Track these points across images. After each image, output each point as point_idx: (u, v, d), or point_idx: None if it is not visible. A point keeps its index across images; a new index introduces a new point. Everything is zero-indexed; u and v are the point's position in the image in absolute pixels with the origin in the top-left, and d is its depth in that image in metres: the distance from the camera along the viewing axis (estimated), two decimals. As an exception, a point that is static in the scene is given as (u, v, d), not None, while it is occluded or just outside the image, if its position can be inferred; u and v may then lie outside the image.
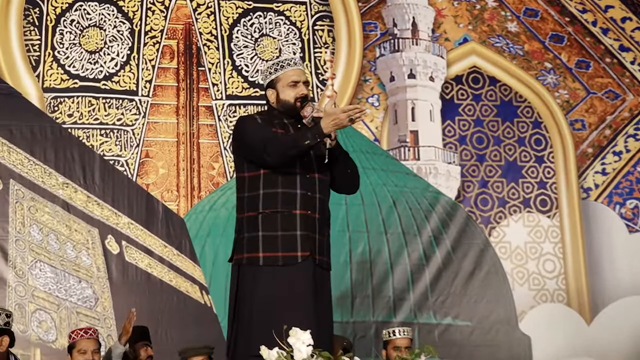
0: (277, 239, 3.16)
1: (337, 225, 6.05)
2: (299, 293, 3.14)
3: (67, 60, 6.18)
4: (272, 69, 3.30)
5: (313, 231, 3.20)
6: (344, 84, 6.50)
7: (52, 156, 5.86)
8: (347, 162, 3.28)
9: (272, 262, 3.16)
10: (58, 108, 6.10)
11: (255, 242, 3.18)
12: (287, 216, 3.15)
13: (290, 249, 3.15)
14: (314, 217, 3.20)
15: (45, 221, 5.78)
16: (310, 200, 3.19)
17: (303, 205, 3.17)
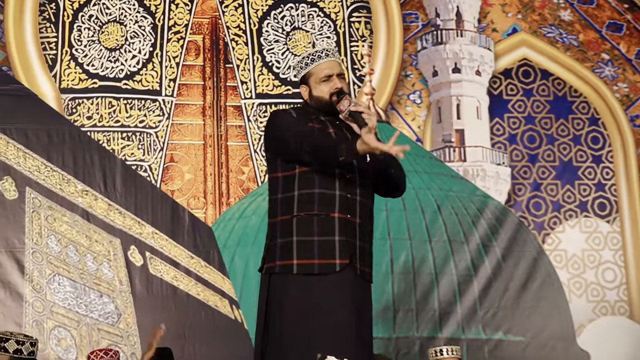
0: (313, 244, 3.07)
1: (378, 233, 5.66)
2: (336, 306, 3.04)
3: (85, 59, 6.20)
4: (303, 63, 3.25)
5: (353, 237, 3.10)
6: (383, 80, 6.47)
7: (70, 162, 5.86)
8: (391, 162, 3.19)
9: (307, 271, 3.07)
10: (76, 110, 6.11)
11: (289, 248, 3.10)
12: (325, 219, 3.07)
13: (327, 256, 3.05)
14: (354, 222, 3.10)
15: (63, 231, 5.79)
16: (351, 203, 3.10)
17: (342, 208, 3.08)
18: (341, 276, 3.05)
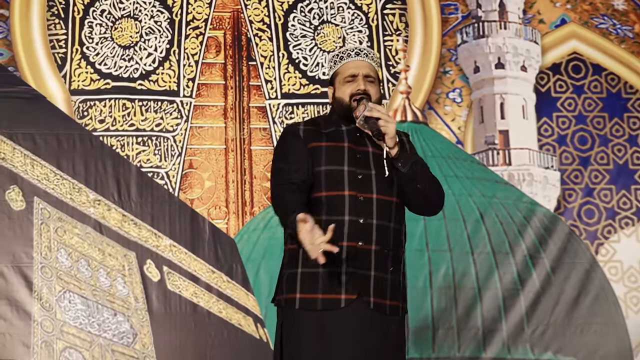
0: (318, 277, 3.07)
1: (415, 244, 5.97)
2: (339, 346, 3.02)
3: (97, 58, 6.17)
4: (332, 62, 3.30)
5: (366, 267, 3.06)
6: (420, 77, 6.41)
7: (81, 169, 5.86)
8: (417, 174, 3.15)
9: (309, 306, 3.07)
10: (88, 113, 6.09)
11: (294, 280, 3.12)
12: None
13: (332, 290, 3.05)
14: (368, 250, 3.06)
15: (74, 244, 5.79)
16: (363, 229, 3.06)
17: (352, 235, 3.05)
18: (348, 312, 3.04)
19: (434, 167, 6.08)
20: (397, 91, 6.29)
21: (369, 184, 3.11)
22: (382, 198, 3.12)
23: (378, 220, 3.09)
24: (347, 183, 3.10)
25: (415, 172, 3.12)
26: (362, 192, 3.10)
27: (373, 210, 3.09)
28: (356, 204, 3.08)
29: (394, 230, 3.14)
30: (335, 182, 3.12)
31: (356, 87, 3.20)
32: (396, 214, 3.16)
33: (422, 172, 3.14)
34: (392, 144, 3.08)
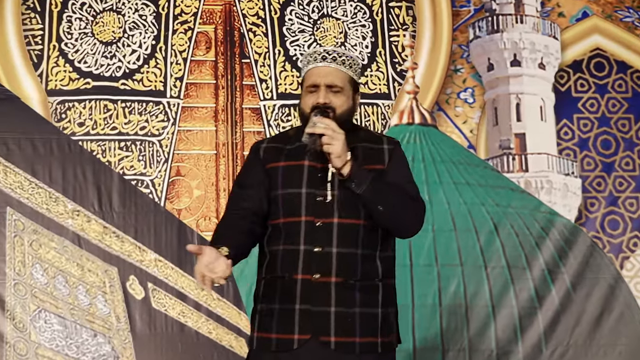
0: (273, 314, 3.10)
1: (422, 258, 5.96)
2: None
3: (76, 55, 6.15)
4: (300, 67, 3.29)
5: (325, 303, 3.03)
6: (429, 76, 6.39)
7: (58, 177, 5.86)
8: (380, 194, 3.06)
9: (264, 346, 3.10)
10: (66, 115, 6.07)
11: (254, 318, 3.17)
12: (287, 283, 3.07)
13: (285, 330, 3.05)
14: (326, 283, 3.03)
15: (51, 259, 5.80)
16: (320, 259, 3.03)
17: (306, 266, 3.03)
18: (304, 354, 3.02)
19: (443, 173, 6.23)
20: (403, 91, 6.28)
21: (328, 207, 3.05)
22: (346, 222, 3.05)
23: (340, 247, 3.03)
24: (304, 207, 3.06)
25: (374, 192, 3.03)
26: (320, 216, 3.05)
27: (333, 237, 3.03)
28: (312, 231, 3.03)
29: (364, 257, 3.06)
30: (292, 206, 3.08)
31: (316, 99, 3.12)
32: (366, 239, 3.08)
33: (383, 191, 3.05)
34: (340, 163, 3.00)
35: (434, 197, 6.02)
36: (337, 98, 3.12)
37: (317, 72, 3.15)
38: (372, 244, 3.09)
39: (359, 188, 3.00)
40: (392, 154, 3.17)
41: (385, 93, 6.23)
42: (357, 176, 3.01)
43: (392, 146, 3.19)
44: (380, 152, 3.16)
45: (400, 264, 5.59)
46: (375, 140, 3.20)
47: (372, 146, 3.16)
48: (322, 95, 3.11)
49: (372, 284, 3.08)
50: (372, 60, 6.24)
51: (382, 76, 6.25)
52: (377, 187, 3.03)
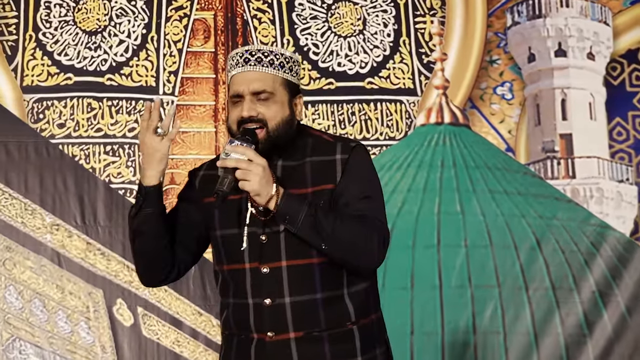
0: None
1: (454, 278, 5.93)
2: None
3: (56, 46, 6.16)
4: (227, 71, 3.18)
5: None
6: (460, 68, 6.35)
7: (35, 186, 5.91)
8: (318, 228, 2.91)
9: None
10: (44, 115, 6.08)
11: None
12: (243, 342, 3.01)
13: None
14: (285, 341, 2.94)
15: (26, 281, 5.84)
16: (271, 314, 2.94)
17: (258, 323, 2.96)
18: None
19: (477, 181, 6.22)
20: (431, 86, 6.27)
21: (275, 248, 2.92)
22: (297, 263, 2.92)
23: (293, 296, 2.91)
24: (246, 251, 2.93)
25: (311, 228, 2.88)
26: (266, 261, 2.92)
27: (283, 285, 2.91)
28: (259, 280, 2.91)
29: (326, 301, 2.93)
30: (234, 250, 2.96)
31: (239, 113, 2.97)
32: (325, 279, 2.93)
33: (323, 224, 2.89)
34: (262, 201, 2.85)
35: (466, 208, 6.00)
36: (267, 107, 2.97)
37: (240, 79, 3.01)
38: (335, 283, 2.96)
39: (293, 226, 2.86)
40: (346, 165, 2.98)
41: (410, 88, 6.19)
42: (286, 212, 2.87)
43: (345, 155, 2.99)
44: (331, 165, 2.99)
45: (429, 286, 5.88)
46: (327, 149, 3.02)
47: (322, 159, 3.00)
48: (246, 107, 2.96)
49: (344, 331, 2.96)
50: (394, 50, 6.21)
51: (406, 69, 6.21)
52: (313, 221, 2.87)
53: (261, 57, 3.02)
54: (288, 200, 2.86)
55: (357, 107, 6.09)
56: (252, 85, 2.96)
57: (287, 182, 2.93)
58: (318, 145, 3.03)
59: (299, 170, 2.99)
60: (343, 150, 3.00)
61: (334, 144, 3.02)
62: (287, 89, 3.00)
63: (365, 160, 3.03)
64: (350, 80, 6.12)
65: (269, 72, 2.98)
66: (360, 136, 6.02)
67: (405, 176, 6.02)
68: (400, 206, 5.93)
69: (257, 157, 2.82)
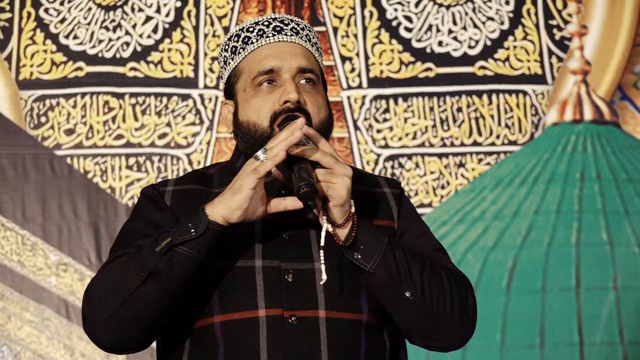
0: None
1: (600, 333, 5.78)
2: None
3: (62, 26, 6.17)
4: (227, 52, 2.95)
5: None
6: (606, 47, 6.26)
7: (36, 213, 5.94)
8: (408, 272, 2.74)
9: None
10: (47, 118, 6.11)
11: None
12: None
13: None
14: None
15: (24, 339, 5.89)
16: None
17: None
18: None
19: (631, 199, 6.24)
20: (566, 70, 6.20)
21: (308, 291, 2.72)
22: (339, 317, 2.73)
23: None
24: (262, 291, 2.70)
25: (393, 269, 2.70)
26: (293, 307, 2.71)
27: (320, 345, 2.69)
28: (282, 333, 2.69)
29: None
30: (239, 292, 2.73)
31: (283, 96, 2.74)
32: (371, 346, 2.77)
33: (409, 266, 2.73)
34: (342, 216, 2.64)
35: (615, 236, 5.86)
36: (313, 97, 2.76)
37: (275, 51, 2.80)
38: (379, 355, 2.79)
39: (367, 262, 2.64)
40: (402, 202, 2.87)
41: (537, 74, 6.14)
42: (363, 241, 2.67)
43: (397, 190, 2.89)
44: (382, 199, 2.86)
45: (566, 343, 5.86)
46: (368, 180, 2.89)
47: (367, 190, 2.85)
48: (292, 88, 2.73)
49: None
50: (515, 23, 6.15)
51: (531, 48, 6.17)
52: (398, 261, 2.68)
53: (297, 29, 2.86)
54: (366, 226, 2.68)
55: (465, 101, 6.05)
56: (297, 60, 2.79)
57: None
58: (356, 173, 2.80)
59: None
60: (390, 184, 2.92)
61: (373, 177, 2.93)
62: (323, 81, 2.86)
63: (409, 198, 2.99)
64: (456, 64, 6.10)
65: (309, 49, 2.84)
66: (470, 140, 6.00)
67: (531, 194, 5.95)
68: (525, 234, 5.87)
69: (338, 154, 2.67)
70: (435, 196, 5.98)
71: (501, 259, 5.81)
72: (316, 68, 2.84)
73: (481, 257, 5.83)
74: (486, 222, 5.90)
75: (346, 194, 2.62)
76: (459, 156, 5.99)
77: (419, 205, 5.97)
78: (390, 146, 6.05)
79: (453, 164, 6.00)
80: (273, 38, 2.83)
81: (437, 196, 5.97)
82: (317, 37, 2.89)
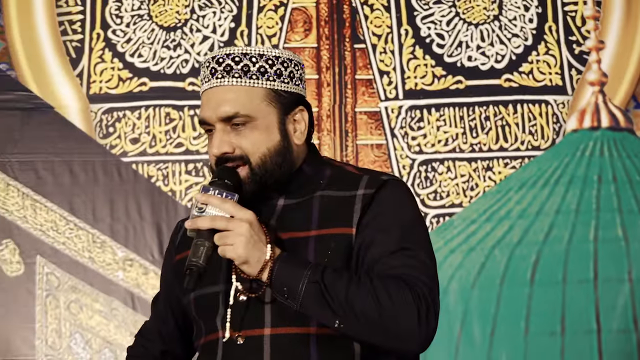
0: None
1: (616, 321, 5.81)
2: None
3: (128, 46, 6.22)
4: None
5: None
6: (621, 59, 6.22)
7: (105, 213, 5.98)
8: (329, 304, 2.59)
9: None
10: (114, 129, 6.13)
11: None
12: None
13: None
14: None
15: (95, 327, 5.89)
16: None
17: None
18: None
19: None
20: (584, 82, 6.16)
21: (257, 310, 2.68)
22: (285, 332, 2.68)
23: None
24: (219, 316, 2.70)
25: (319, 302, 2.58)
26: (244, 327, 2.68)
27: (263, 358, 2.65)
28: (230, 354, 2.69)
29: None
30: (207, 316, 2.75)
31: (211, 149, 2.73)
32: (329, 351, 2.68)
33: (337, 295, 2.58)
34: (253, 269, 2.57)
35: (631, 233, 5.88)
36: (245, 137, 2.70)
37: (206, 100, 2.75)
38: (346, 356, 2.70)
39: (294, 301, 2.57)
40: (370, 203, 2.70)
41: (559, 85, 6.14)
42: (283, 282, 2.58)
43: (370, 190, 2.72)
44: (347, 203, 2.71)
45: (584, 330, 5.86)
46: (348, 182, 2.75)
47: (337, 194, 2.73)
48: (215, 142, 2.70)
49: None
50: (538, 39, 6.15)
51: (553, 62, 6.15)
52: (319, 290, 2.57)
53: (230, 65, 2.74)
54: (286, 265, 2.58)
55: (492, 111, 6.06)
56: (220, 109, 2.71)
57: (287, 226, 2.72)
58: (338, 177, 2.79)
59: (303, 207, 2.75)
60: (369, 184, 2.74)
61: (359, 177, 2.76)
62: (275, 104, 2.73)
63: (400, 198, 2.76)
64: (484, 77, 6.10)
65: (242, 84, 2.73)
66: (497, 146, 6.01)
67: (553, 194, 5.94)
68: (547, 232, 5.85)
69: (240, 211, 2.57)
70: (465, 197, 5.97)
71: (525, 253, 5.82)
72: (244, 106, 2.72)
73: (507, 252, 5.83)
74: (512, 220, 5.89)
75: (244, 252, 2.54)
76: (486, 160, 6.01)
77: (451, 205, 5.98)
78: (424, 152, 6.06)
79: (481, 168, 6.00)
80: (208, 84, 2.77)
81: (467, 197, 5.97)
82: (264, 59, 2.74)
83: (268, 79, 2.71)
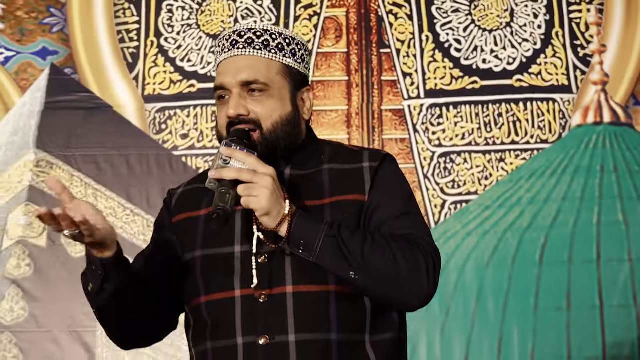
0: None
1: (617, 297, 5.79)
2: None
3: (179, 52, 6.26)
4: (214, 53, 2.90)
5: None
6: (622, 61, 6.23)
7: (158, 201, 5.61)
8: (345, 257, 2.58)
9: None
10: (166, 125, 6.19)
11: None
12: None
13: None
14: None
15: None
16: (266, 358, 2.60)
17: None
18: None
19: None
20: (588, 81, 6.13)
21: (279, 269, 2.61)
22: (308, 290, 2.61)
23: (300, 333, 2.58)
24: (238, 275, 2.63)
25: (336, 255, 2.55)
26: (264, 286, 2.60)
27: (287, 318, 2.59)
28: (254, 312, 2.60)
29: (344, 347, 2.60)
30: (220, 275, 2.67)
31: (227, 111, 2.67)
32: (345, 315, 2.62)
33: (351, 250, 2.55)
34: (272, 223, 2.53)
35: (630, 217, 5.85)
36: (261, 103, 2.67)
37: (225, 68, 2.71)
38: (356, 324, 2.64)
39: (310, 253, 2.54)
40: (377, 174, 2.71)
41: (565, 85, 6.12)
42: (301, 236, 2.54)
43: (375, 163, 2.73)
44: (357, 174, 2.71)
45: (588, 305, 5.78)
46: (350, 156, 2.76)
47: (344, 167, 2.73)
48: (232, 104, 2.66)
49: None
50: (546, 43, 6.14)
51: (560, 64, 6.13)
52: (336, 244, 2.54)
53: (252, 38, 2.71)
54: (303, 221, 2.55)
55: (505, 108, 6.04)
56: (240, 75, 2.68)
57: (297, 194, 2.65)
58: (338, 152, 2.78)
59: (314, 179, 2.71)
60: (372, 158, 2.74)
61: (359, 152, 2.77)
62: (289, 79, 2.73)
63: (400, 172, 2.78)
64: (497, 78, 6.08)
65: (262, 55, 2.71)
66: (509, 139, 5.98)
67: (560, 183, 5.90)
68: (554, 216, 5.82)
69: (263, 166, 2.53)
70: (480, 186, 5.94)
71: (535, 236, 5.78)
72: (263, 74, 2.68)
73: (518, 235, 5.78)
74: (522, 206, 5.85)
75: (267, 204, 2.49)
76: (499, 153, 5.98)
77: (467, 193, 5.92)
78: (443, 145, 6.03)
79: (495, 159, 5.97)
80: (228, 54, 2.71)
81: (482, 186, 5.93)
82: (282, 37, 2.74)
83: (285, 56, 2.71)
